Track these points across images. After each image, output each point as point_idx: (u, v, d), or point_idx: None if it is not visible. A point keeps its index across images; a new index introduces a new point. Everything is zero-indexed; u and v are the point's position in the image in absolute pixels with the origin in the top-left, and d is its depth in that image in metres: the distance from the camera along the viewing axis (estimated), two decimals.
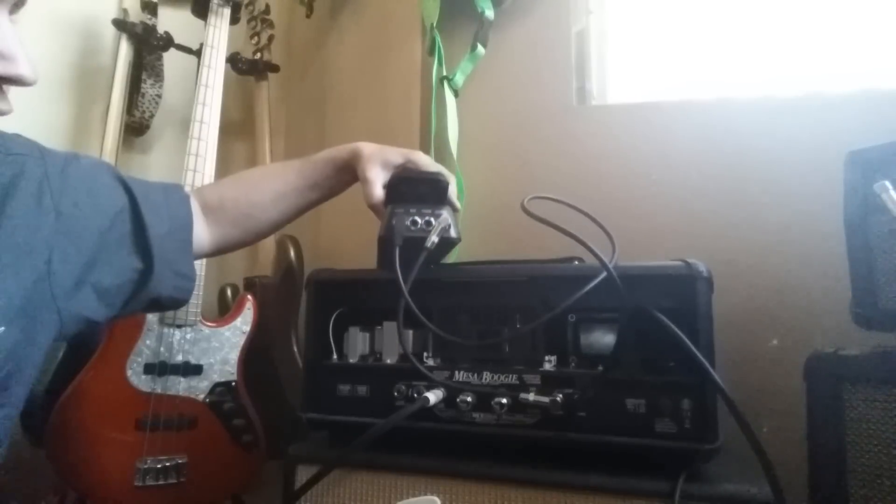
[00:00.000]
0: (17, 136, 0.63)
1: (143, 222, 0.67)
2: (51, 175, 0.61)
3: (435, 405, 0.70)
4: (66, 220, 0.60)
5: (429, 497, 0.67)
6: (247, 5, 1.41)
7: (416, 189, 0.77)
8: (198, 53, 1.32)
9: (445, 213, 0.76)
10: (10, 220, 0.56)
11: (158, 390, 1.06)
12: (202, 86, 1.23)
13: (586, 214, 0.77)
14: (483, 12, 1.14)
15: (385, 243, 0.75)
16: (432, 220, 0.75)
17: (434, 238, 0.73)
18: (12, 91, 0.56)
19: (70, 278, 0.60)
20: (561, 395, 0.66)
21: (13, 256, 0.56)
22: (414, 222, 0.75)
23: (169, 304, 0.74)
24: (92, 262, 0.62)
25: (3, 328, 0.54)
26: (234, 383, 1.14)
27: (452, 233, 0.75)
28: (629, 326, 0.67)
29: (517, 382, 0.70)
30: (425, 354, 0.76)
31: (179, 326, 1.10)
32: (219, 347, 1.14)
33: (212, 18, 1.30)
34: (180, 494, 1.05)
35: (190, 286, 0.75)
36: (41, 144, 0.64)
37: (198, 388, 1.10)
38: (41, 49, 1.29)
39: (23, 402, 0.60)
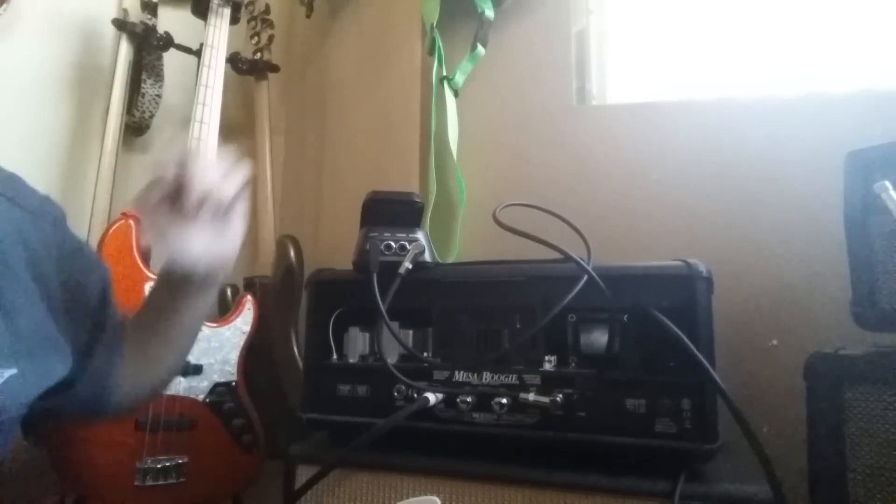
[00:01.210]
0: (47, 197, 0.65)
1: (93, 348, 0.65)
2: (64, 248, 0.63)
3: (435, 405, 0.71)
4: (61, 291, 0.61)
5: (429, 497, 0.67)
6: (247, 5, 1.41)
7: (390, 210, 0.78)
8: (198, 53, 1.32)
9: (420, 237, 0.76)
10: (22, 263, 0.57)
11: None
12: (202, 86, 1.23)
13: (559, 217, 0.78)
14: (483, 12, 1.14)
15: (360, 269, 0.76)
16: (406, 244, 0.75)
17: (408, 265, 0.73)
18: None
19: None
20: (561, 395, 0.66)
21: (26, 298, 0.57)
22: (388, 247, 0.75)
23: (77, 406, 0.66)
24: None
25: (14, 370, 0.54)
26: (234, 383, 1.14)
27: (427, 257, 0.76)
28: (628, 326, 0.67)
29: (517, 382, 0.70)
30: (425, 354, 0.76)
31: None
32: (219, 347, 1.14)
33: (212, 18, 1.30)
34: (180, 494, 1.05)
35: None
36: (62, 215, 0.65)
37: (198, 388, 1.10)
38: (41, 49, 1.29)
39: None
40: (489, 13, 1.14)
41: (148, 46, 1.32)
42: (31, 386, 0.56)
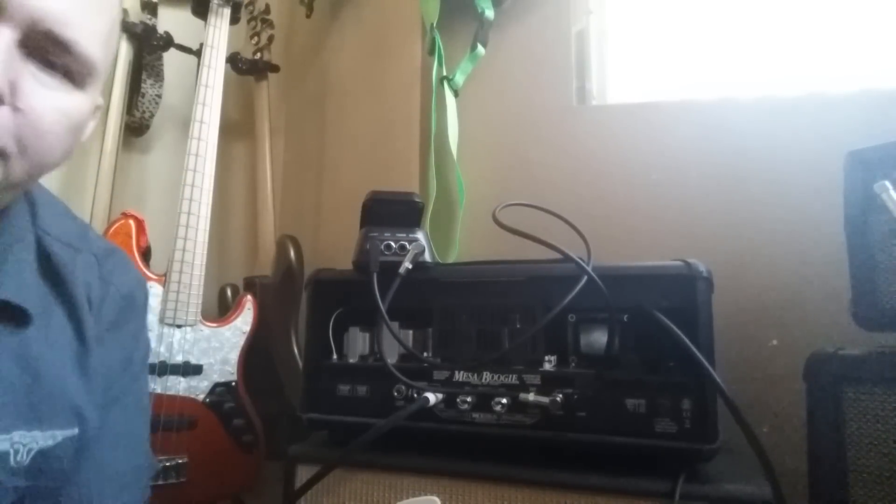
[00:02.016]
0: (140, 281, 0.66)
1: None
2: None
3: (435, 405, 0.71)
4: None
5: (429, 497, 0.67)
6: (247, 5, 1.41)
7: (390, 210, 0.78)
8: (198, 53, 1.32)
9: (420, 237, 0.76)
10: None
11: (158, 390, 1.06)
12: (202, 86, 1.23)
13: (560, 217, 0.78)
14: (483, 12, 1.14)
15: (360, 269, 0.76)
16: (406, 244, 0.75)
17: (408, 265, 0.73)
18: None
19: None
20: (561, 395, 0.66)
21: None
22: (388, 247, 0.75)
23: None
24: None
25: (76, 430, 0.52)
26: (234, 383, 1.14)
27: (427, 257, 0.76)
28: (628, 327, 0.67)
29: (517, 382, 0.70)
30: (425, 354, 0.76)
31: (179, 326, 1.10)
32: (219, 347, 1.14)
33: (212, 18, 1.30)
34: (180, 494, 1.05)
35: None
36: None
37: (198, 388, 1.10)
38: None
39: None
40: (489, 13, 1.14)
41: (148, 46, 1.32)
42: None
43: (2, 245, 0.51)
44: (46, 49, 0.44)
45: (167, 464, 1.04)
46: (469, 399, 0.70)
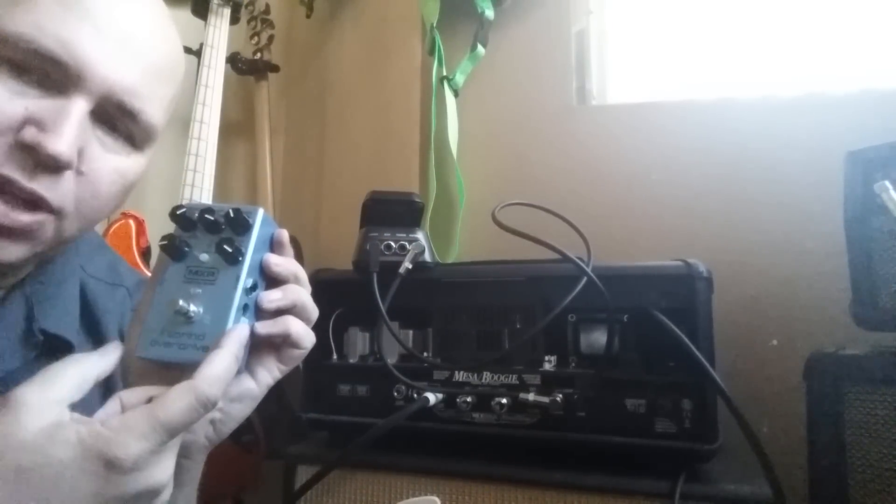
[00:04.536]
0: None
1: None
2: None
3: (435, 405, 0.71)
4: None
5: (429, 497, 0.67)
6: (247, 5, 1.41)
7: (390, 210, 0.78)
8: (198, 53, 1.32)
9: (420, 237, 0.76)
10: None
11: None
12: (202, 86, 1.23)
13: (560, 217, 0.78)
14: (483, 12, 1.14)
15: (360, 269, 0.76)
16: (406, 244, 0.75)
17: (408, 265, 0.74)
18: None
19: None
20: (561, 395, 0.67)
21: None
22: (388, 247, 0.75)
23: None
24: None
25: None
26: None
27: (427, 257, 0.76)
28: (628, 327, 0.67)
29: (517, 382, 0.70)
30: (425, 354, 0.76)
31: None
32: None
33: (212, 18, 1.29)
34: None
35: None
36: None
37: None
38: None
39: None
40: (489, 13, 1.14)
41: None
42: None
43: (56, 280, 0.52)
44: (114, 116, 0.45)
45: None
46: (469, 399, 0.70)
